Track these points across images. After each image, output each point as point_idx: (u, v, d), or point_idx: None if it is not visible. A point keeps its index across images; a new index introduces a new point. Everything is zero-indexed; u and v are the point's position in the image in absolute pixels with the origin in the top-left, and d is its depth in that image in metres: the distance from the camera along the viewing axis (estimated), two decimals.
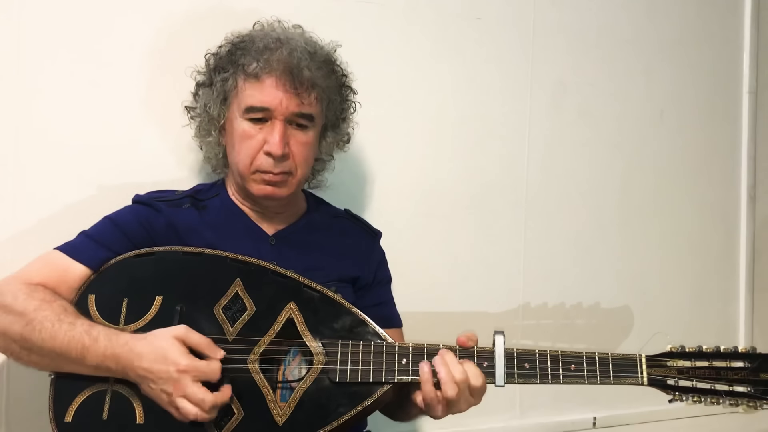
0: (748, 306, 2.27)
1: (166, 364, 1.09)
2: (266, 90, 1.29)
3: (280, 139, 1.29)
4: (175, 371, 1.08)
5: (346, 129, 1.47)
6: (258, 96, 1.29)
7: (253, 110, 1.30)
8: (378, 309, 1.44)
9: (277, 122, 1.29)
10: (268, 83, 1.29)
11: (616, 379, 1.17)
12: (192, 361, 1.10)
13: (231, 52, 1.35)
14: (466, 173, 1.88)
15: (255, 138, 1.30)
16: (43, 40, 1.48)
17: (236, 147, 1.33)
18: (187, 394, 1.08)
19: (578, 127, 2.04)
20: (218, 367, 1.12)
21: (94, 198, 1.49)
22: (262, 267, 1.24)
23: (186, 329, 1.13)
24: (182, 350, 1.10)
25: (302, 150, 1.33)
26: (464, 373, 1.15)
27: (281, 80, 1.28)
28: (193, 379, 1.09)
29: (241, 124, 1.31)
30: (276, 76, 1.28)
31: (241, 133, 1.31)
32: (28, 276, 1.21)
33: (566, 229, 2.01)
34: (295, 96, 1.29)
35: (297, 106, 1.29)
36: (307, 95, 1.30)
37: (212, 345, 1.14)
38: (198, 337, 1.13)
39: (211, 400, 1.09)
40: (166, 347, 1.10)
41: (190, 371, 1.09)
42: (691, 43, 2.22)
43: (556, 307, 1.94)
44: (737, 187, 2.30)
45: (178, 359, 1.09)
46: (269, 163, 1.30)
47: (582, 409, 1.99)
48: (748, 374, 1.14)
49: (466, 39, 1.89)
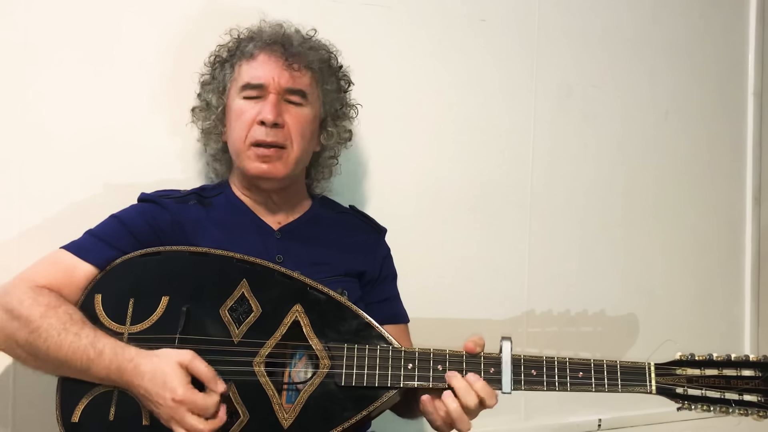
0: (753, 309, 2.26)
1: (164, 390, 1.08)
2: (260, 66, 1.34)
3: (273, 106, 1.32)
4: (171, 399, 1.07)
5: (347, 125, 1.49)
6: (252, 72, 1.34)
7: (248, 87, 1.34)
8: (384, 305, 1.44)
9: (271, 95, 1.33)
10: (261, 58, 1.34)
11: (624, 387, 1.16)
12: (189, 394, 1.08)
13: (232, 46, 1.40)
14: (470, 176, 1.88)
15: (249, 112, 1.33)
16: (51, 40, 1.48)
17: (232, 126, 1.36)
18: (182, 424, 1.07)
19: (583, 128, 2.03)
20: (216, 402, 1.10)
21: (100, 196, 1.49)
22: (269, 268, 1.24)
23: (192, 356, 1.11)
24: (183, 379, 1.09)
25: (297, 123, 1.35)
26: (476, 398, 1.14)
27: (274, 54, 1.34)
28: (189, 411, 1.08)
29: (237, 102, 1.35)
30: (269, 50, 1.35)
31: (237, 111, 1.35)
32: (34, 276, 1.21)
33: (570, 231, 2.00)
34: (287, 69, 1.33)
35: (290, 81, 1.33)
36: (299, 70, 1.35)
37: (215, 378, 1.11)
38: (203, 366, 1.11)
39: (207, 430, 1.08)
40: (168, 372, 1.08)
41: (186, 403, 1.07)
42: (696, 45, 2.21)
43: (561, 314, 1.94)
44: (742, 189, 2.29)
45: (176, 388, 1.07)
46: (262, 132, 1.31)
47: (587, 411, 1.98)
48: (758, 383, 1.13)
49: (470, 41, 1.88)
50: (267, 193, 1.40)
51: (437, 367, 1.17)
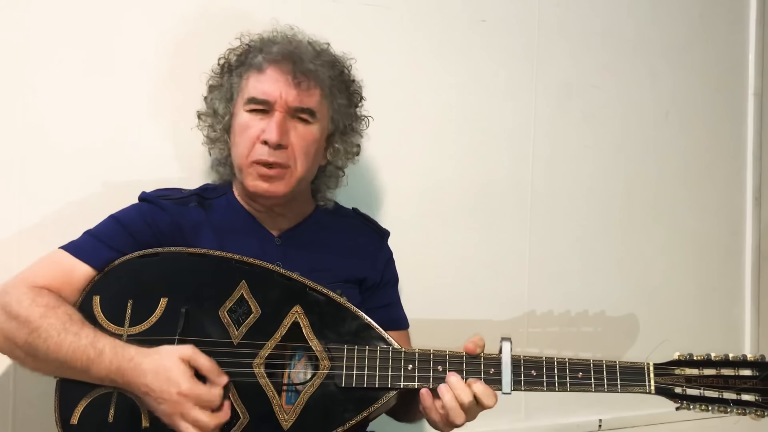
0: (753, 309, 2.26)
1: (168, 386, 1.08)
2: (267, 81, 1.29)
3: (277, 126, 1.27)
4: (175, 394, 1.08)
5: (355, 140, 1.45)
6: (259, 87, 1.29)
7: (254, 101, 1.30)
8: (385, 311, 1.43)
9: (277, 113, 1.29)
10: (269, 73, 1.29)
11: (623, 387, 1.16)
12: (193, 386, 1.09)
13: (241, 54, 1.36)
14: (471, 176, 1.88)
15: (253, 129, 1.30)
16: (51, 39, 1.48)
17: (236, 139, 1.32)
18: (188, 418, 1.08)
19: (583, 129, 2.03)
20: (219, 393, 1.11)
21: (100, 196, 1.49)
22: (268, 269, 1.23)
23: (193, 350, 1.12)
24: (186, 373, 1.09)
25: (302, 143, 1.31)
26: (470, 394, 1.14)
27: (282, 70, 1.28)
28: (194, 404, 1.08)
29: (243, 116, 1.31)
30: (278, 66, 1.29)
31: (242, 124, 1.31)
32: (32, 277, 1.20)
33: (571, 231, 2.00)
34: (295, 88, 1.28)
35: (297, 100, 1.29)
36: (308, 89, 1.30)
37: (217, 370, 1.12)
38: (204, 359, 1.12)
39: (213, 424, 1.09)
40: (171, 367, 1.09)
41: (191, 396, 1.08)
42: (696, 45, 2.21)
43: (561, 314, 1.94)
44: (743, 190, 2.29)
45: (181, 382, 1.08)
46: (265, 152, 1.28)
47: (587, 411, 1.98)
48: (756, 383, 1.13)
49: (471, 41, 1.88)
50: (269, 204, 1.38)
51: (437, 368, 1.17)
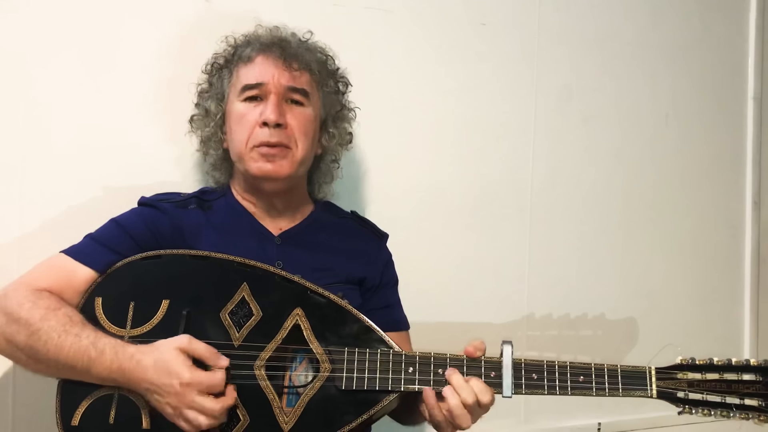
0: (753, 312, 2.26)
1: (170, 378, 1.08)
2: (259, 67, 1.33)
3: (274, 105, 1.31)
4: (178, 384, 1.08)
5: (347, 127, 1.48)
6: (251, 74, 1.33)
7: (248, 87, 1.33)
8: (385, 312, 1.44)
9: (272, 95, 1.32)
10: (259, 60, 1.34)
11: (625, 391, 1.16)
12: (195, 374, 1.09)
13: (229, 52, 1.40)
14: (471, 179, 1.88)
15: (250, 114, 1.32)
16: (52, 45, 1.48)
17: (233, 129, 1.35)
18: (193, 406, 1.08)
19: (583, 132, 2.03)
20: (222, 377, 1.11)
21: (100, 200, 1.49)
22: (269, 272, 1.24)
23: (189, 339, 1.12)
24: (185, 362, 1.10)
25: (300, 123, 1.34)
26: (474, 395, 1.14)
27: (272, 55, 1.33)
28: (198, 392, 1.08)
29: (238, 106, 1.34)
30: (267, 52, 1.34)
31: (238, 114, 1.34)
32: (34, 280, 1.20)
33: (570, 234, 2.00)
34: (286, 70, 1.33)
35: (289, 80, 1.33)
36: (298, 70, 1.34)
37: (216, 354, 1.13)
38: (201, 346, 1.12)
39: (219, 408, 1.09)
40: (169, 360, 1.09)
41: (193, 384, 1.08)
42: (696, 48, 2.21)
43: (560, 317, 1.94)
44: (742, 193, 2.29)
45: (182, 372, 1.08)
46: (265, 134, 1.30)
47: (586, 414, 1.98)
48: (759, 387, 1.13)
49: (470, 44, 1.88)
50: (269, 197, 1.39)
51: (438, 371, 1.18)
